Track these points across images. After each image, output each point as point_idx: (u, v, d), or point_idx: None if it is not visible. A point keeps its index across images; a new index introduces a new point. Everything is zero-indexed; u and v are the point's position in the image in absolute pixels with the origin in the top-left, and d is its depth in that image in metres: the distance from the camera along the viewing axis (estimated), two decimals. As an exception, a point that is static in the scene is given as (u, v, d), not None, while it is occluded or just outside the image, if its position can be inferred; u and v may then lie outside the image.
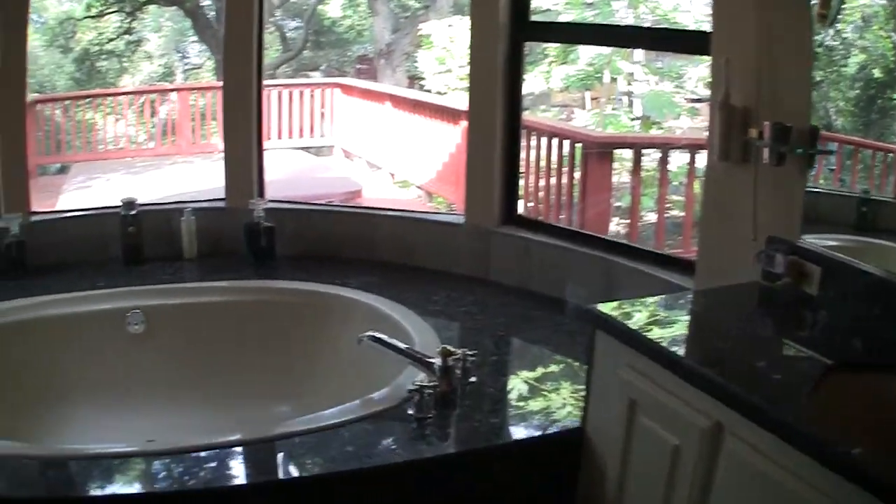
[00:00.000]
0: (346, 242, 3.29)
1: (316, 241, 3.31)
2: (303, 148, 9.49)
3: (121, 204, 3.19)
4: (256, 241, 3.21)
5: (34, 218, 3.24)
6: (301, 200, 3.48)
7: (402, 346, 2.30)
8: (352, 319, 2.87)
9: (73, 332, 2.87)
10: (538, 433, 2.10)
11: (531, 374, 2.40)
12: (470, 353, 2.30)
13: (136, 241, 3.20)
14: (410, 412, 2.10)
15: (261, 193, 3.34)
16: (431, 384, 2.12)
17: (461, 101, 6.19)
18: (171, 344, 2.95)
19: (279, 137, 9.34)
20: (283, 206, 3.36)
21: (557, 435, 2.10)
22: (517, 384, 2.37)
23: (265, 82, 3.25)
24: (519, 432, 2.12)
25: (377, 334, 2.32)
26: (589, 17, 7.77)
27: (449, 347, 2.21)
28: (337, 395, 2.65)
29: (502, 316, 2.79)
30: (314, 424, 2.11)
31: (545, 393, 2.28)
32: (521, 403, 2.26)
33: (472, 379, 2.28)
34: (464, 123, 3.12)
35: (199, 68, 12.15)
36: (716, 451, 1.67)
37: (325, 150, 9.78)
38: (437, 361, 2.18)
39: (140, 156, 9.43)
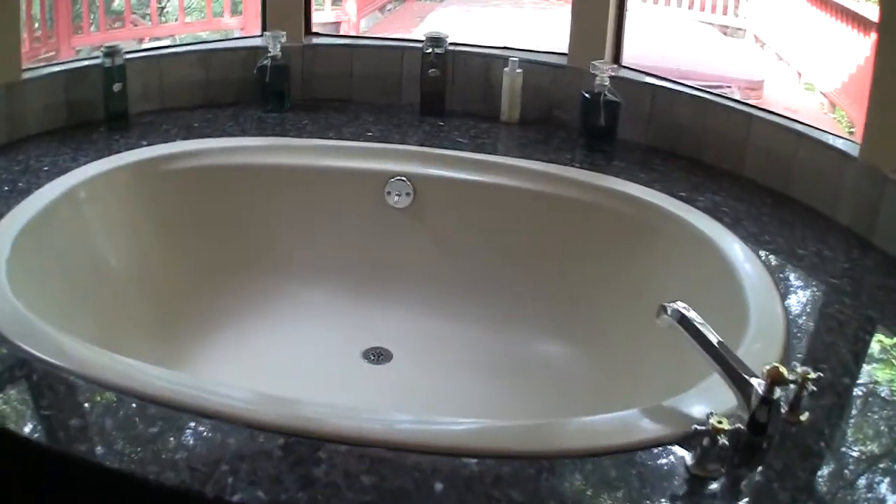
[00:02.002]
0: (708, 143, 2.51)
1: (671, 131, 2.56)
2: (715, 24, 9.19)
3: (424, 39, 2.64)
4: (594, 116, 2.52)
5: (312, 40, 2.77)
6: (672, 76, 2.71)
7: (714, 340, 1.52)
8: (678, 255, 2.15)
9: (314, 190, 2.41)
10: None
11: (877, 428, 1.53)
12: (812, 375, 1.50)
13: (437, 89, 2.66)
14: (688, 461, 1.40)
15: (616, 59, 2.63)
16: (732, 428, 1.38)
17: (873, 13, 5.92)
18: (436, 230, 2.40)
19: (690, 8, 9.24)
20: (638, 77, 2.61)
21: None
22: (858, 440, 1.51)
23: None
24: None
25: (687, 311, 1.57)
26: None
27: (782, 369, 1.42)
28: (625, 354, 2.04)
29: (875, 306, 1.89)
30: (575, 436, 1.47)
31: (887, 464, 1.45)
32: (852, 478, 1.42)
33: (803, 417, 1.50)
34: (873, 37, 2.20)
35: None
36: None
37: (738, 33, 9.28)
38: (760, 386, 1.43)
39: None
